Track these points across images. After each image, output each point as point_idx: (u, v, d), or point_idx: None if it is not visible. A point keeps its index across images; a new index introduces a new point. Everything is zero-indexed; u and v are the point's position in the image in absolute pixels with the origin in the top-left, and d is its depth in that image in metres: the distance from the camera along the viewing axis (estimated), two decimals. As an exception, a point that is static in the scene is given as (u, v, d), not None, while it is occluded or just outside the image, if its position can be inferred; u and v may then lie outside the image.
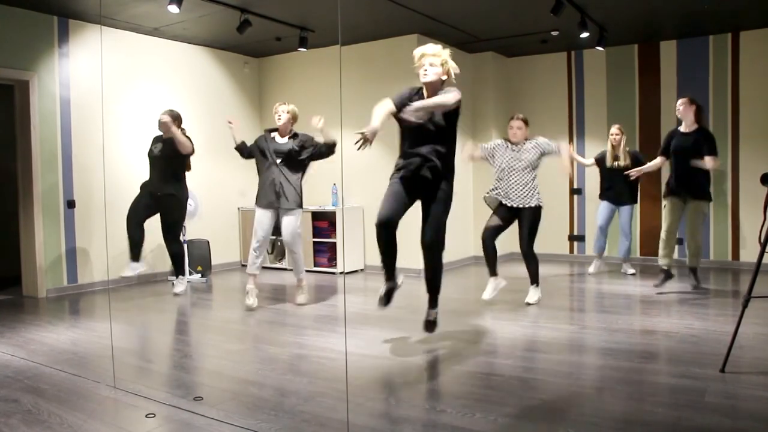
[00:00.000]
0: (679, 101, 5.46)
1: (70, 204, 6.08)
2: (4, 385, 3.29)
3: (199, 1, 5.56)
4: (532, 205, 5.02)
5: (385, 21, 6.37)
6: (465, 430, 2.60)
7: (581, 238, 7.85)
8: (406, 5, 5.78)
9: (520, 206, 5.03)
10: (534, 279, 5.17)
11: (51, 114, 5.95)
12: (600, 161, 6.60)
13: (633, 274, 6.54)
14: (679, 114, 5.46)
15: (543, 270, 7.12)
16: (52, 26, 5.94)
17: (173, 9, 5.36)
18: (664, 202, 5.54)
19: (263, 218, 5.18)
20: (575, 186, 7.84)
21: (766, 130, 6.77)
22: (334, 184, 7.26)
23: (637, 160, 6.28)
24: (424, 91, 3.75)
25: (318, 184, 7.54)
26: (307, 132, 5.39)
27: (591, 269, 6.79)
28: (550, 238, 8.05)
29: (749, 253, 6.85)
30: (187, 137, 5.58)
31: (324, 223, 7.28)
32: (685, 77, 7.15)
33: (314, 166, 5.58)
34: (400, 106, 3.60)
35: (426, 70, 3.68)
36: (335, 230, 7.17)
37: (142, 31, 6.58)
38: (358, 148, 3.29)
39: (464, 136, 7.70)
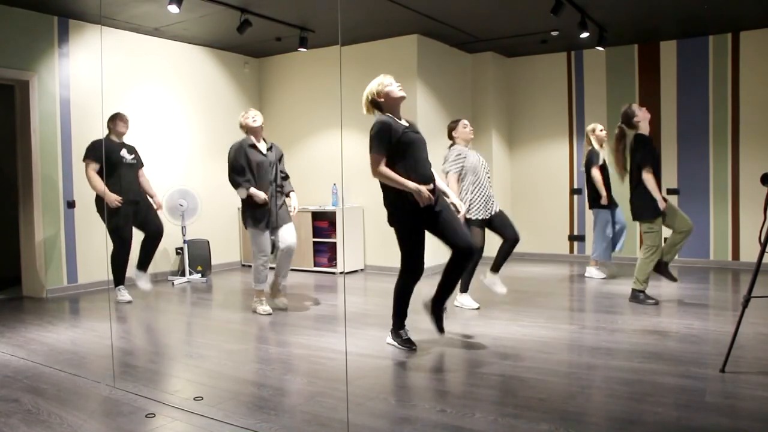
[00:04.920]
0: (638, 107, 4.99)
1: (70, 204, 6.08)
2: (4, 385, 3.30)
3: (199, 1, 5.56)
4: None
5: (385, 21, 6.37)
6: (465, 430, 2.60)
7: (581, 238, 7.85)
8: (406, 5, 5.78)
9: (500, 209, 5.00)
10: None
11: (51, 114, 5.95)
12: (597, 164, 6.14)
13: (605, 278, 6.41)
14: (645, 119, 4.95)
15: (543, 270, 7.16)
16: (52, 26, 5.94)
17: (173, 9, 5.36)
18: (656, 224, 4.88)
19: (266, 239, 4.95)
20: (575, 186, 7.84)
21: (766, 130, 6.77)
22: (334, 184, 7.26)
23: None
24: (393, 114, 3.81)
25: (318, 184, 7.54)
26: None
27: (597, 274, 6.47)
28: (550, 238, 8.06)
29: (749, 253, 6.85)
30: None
31: (324, 223, 7.28)
32: (685, 77, 7.15)
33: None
34: (391, 145, 3.67)
35: (400, 86, 3.82)
36: (335, 230, 7.17)
37: (143, 31, 6.58)
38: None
39: (464, 136, 7.73)
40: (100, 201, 5.39)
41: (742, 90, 6.87)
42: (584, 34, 6.36)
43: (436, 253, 4.49)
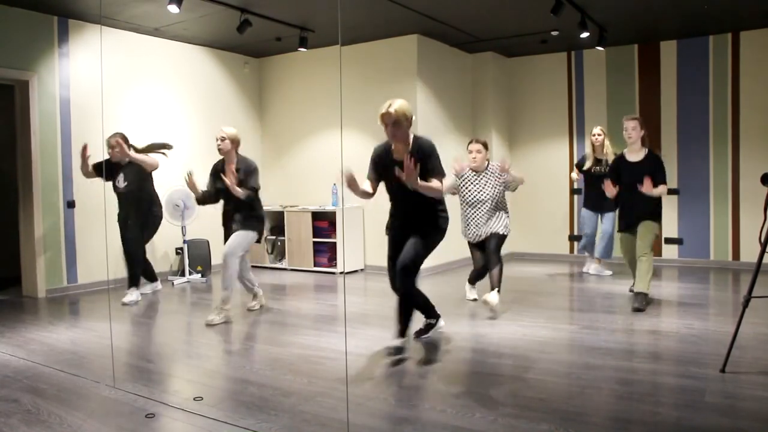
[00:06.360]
0: (625, 121, 4.97)
1: (70, 204, 6.08)
2: (4, 385, 3.29)
3: (199, 1, 5.56)
4: (499, 232, 4.89)
5: (385, 21, 6.37)
6: (465, 430, 2.60)
7: (581, 238, 7.84)
8: (406, 5, 5.78)
9: (497, 232, 4.90)
10: (496, 284, 4.84)
11: (51, 114, 5.94)
12: (579, 166, 6.49)
13: (610, 275, 6.49)
14: (627, 138, 4.94)
15: (543, 270, 7.16)
16: (52, 26, 5.93)
17: (173, 9, 5.36)
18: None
19: None
20: (575, 186, 7.83)
21: (766, 130, 6.77)
22: (334, 184, 7.26)
23: None
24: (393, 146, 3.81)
25: (318, 184, 7.54)
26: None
27: (591, 270, 6.76)
28: (550, 238, 8.06)
29: (749, 253, 6.85)
30: (144, 150, 5.62)
31: (324, 223, 7.27)
32: (685, 77, 7.15)
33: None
34: (378, 175, 3.87)
35: (393, 134, 3.70)
36: (335, 230, 7.17)
37: (143, 31, 6.58)
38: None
39: (464, 137, 7.72)
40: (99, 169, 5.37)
41: (742, 90, 6.87)
42: (584, 34, 6.36)
43: (437, 253, 4.49)
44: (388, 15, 6.10)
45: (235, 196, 4.66)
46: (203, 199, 4.90)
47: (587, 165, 6.39)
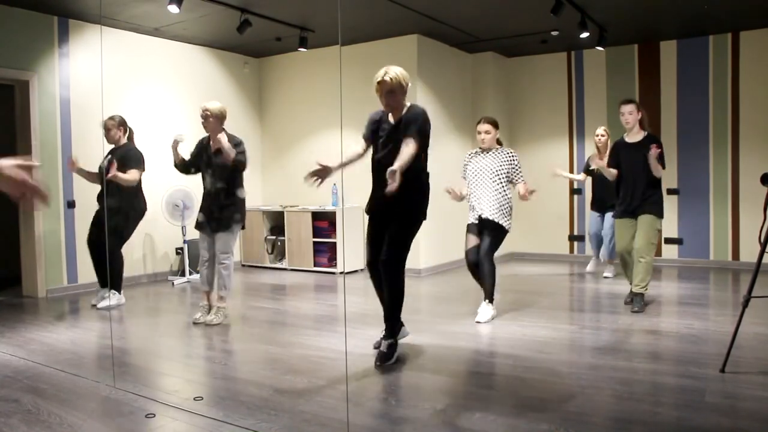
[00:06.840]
0: (621, 106, 4.81)
1: (70, 204, 6.08)
2: (4, 385, 3.29)
3: (199, 1, 5.56)
4: (498, 221, 4.57)
5: (385, 21, 6.37)
6: (465, 430, 2.60)
7: (581, 238, 7.85)
8: (406, 5, 5.78)
9: (487, 217, 4.56)
10: (488, 294, 4.62)
11: (51, 114, 5.95)
12: (586, 169, 6.53)
13: (606, 277, 6.39)
14: (624, 123, 4.82)
15: (543, 270, 7.16)
16: (52, 26, 5.94)
17: (173, 9, 5.36)
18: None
19: (203, 243, 4.75)
20: (575, 186, 7.84)
21: (766, 130, 6.77)
22: (334, 184, 7.26)
23: None
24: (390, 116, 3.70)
25: (318, 184, 7.54)
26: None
27: (588, 268, 6.82)
28: (550, 238, 8.06)
29: (749, 253, 6.85)
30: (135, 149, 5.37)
31: (324, 223, 7.28)
32: (685, 77, 7.15)
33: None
34: (371, 136, 3.79)
35: (388, 103, 3.60)
36: (335, 230, 7.17)
37: (143, 31, 6.58)
38: (311, 184, 3.57)
39: (465, 138, 7.73)
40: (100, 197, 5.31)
41: (742, 90, 6.87)
42: (584, 34, 6.36)
43: (431, 253, 4.49)
44: (388, 15, 6.10)
45: (219, 180, 4.65)
46: (180, 164, 4.80)
47: (592, 166, 6.36)
